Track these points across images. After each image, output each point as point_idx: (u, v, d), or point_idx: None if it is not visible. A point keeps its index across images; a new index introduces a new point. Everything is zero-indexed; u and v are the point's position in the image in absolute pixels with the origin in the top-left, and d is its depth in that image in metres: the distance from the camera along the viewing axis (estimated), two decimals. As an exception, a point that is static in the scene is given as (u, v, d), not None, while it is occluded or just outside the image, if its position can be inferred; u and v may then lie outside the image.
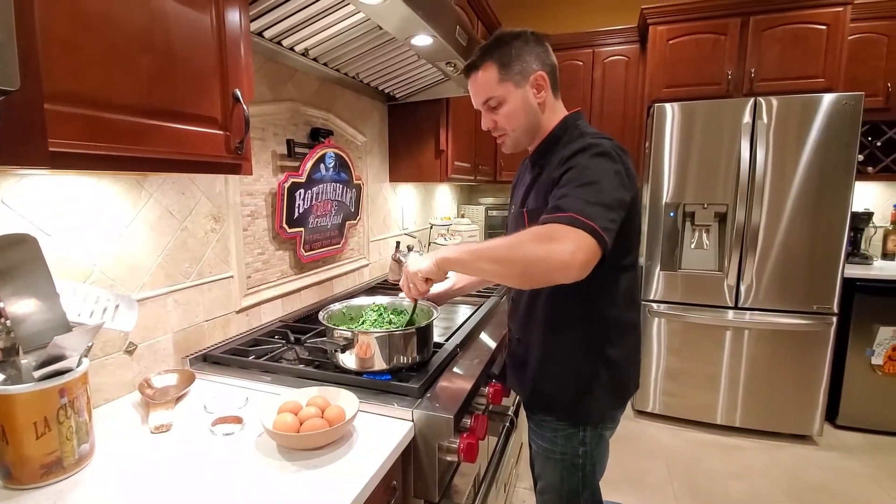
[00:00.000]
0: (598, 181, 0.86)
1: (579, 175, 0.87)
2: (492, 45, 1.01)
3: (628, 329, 1.05)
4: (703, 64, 2.60)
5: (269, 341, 1.24)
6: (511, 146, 1.08)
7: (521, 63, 0.99)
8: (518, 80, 1.00)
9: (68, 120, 0.57)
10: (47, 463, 0.69)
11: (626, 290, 1.03)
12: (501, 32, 1.02)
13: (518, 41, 1.00)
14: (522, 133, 1.05)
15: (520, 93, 1.01)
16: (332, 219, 1.69)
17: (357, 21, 1.20)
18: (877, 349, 2.46)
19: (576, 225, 0.79)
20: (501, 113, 1.03)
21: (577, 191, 0.85)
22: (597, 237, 0.79)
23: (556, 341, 1.05)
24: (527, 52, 1.00)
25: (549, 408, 1.08)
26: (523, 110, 1.02)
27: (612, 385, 1.04)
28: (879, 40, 2.54)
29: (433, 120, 2.11)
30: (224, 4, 0.81)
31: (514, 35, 1.00)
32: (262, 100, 1.36)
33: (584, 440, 1.06)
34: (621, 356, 1.04)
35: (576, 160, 0.90)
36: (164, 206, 1.07)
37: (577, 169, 0.89)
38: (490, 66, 1.00)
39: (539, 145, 1.07)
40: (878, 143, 2.66)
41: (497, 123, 1.05)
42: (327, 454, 0.78)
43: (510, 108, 1.02)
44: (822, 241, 2.31)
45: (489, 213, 3.34)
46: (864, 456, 2.35)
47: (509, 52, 0.99)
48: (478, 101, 1.05)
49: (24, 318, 0.71)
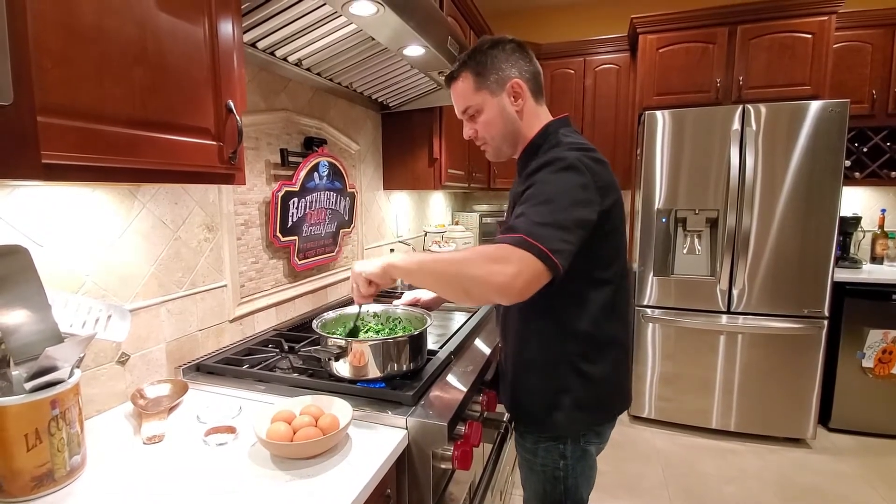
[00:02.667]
0: (554, 199, 0.84)
1: (538, 192, 0.86)
2: (469, 54, 1.01)
3: (609, 344, 1.00)
4: (692, 72, 2.64)
5: (262, 350, 1.24)
6: (493, 154, 1.08)
7: (496, 72, 0.99)
8: (494, 89, 1.00)
9: (61, 132, 0.58)
10: (38, 475, 0.69)
11: (606, 305, 0.97)
12: (479, 41, 1.02)
13: (494, 49, 0.99)
14: (502, 141, 1.04)
15: (496, 101, 1.00)
16: (325, 227, 1.69)
17: (349, 32, 1.22)
18: (867, 352, 2.49)
19: (523, 246, 0.78)
20: (480, 121, 1.03)
21: (532, 210, 0.83)
22: (544, 259, 0.78)
23: (528, 353, 1.03)
24: (503, 60, 0.99)
25: (525, 420, 1.07)
26: (500, 118, 1.01)
27: (590, 401, 1.00)
28: (864, 48, 2.60)
29: (426, 128, 2.13)
30: (217, 16, 0.82)
31: (490, 43, 1.00)
32: (255, 109, 1.37)
33: (564, 453, 1.02)
34: (600, 372, 0.99)
35: (537, 176, 0.89)
36: (157, 216, 1.07)
37: (537, 185, 0.87)
38: (466, 75, 1.00)
39: (521, 154, 1.06)
40: (864, 148, 2.71)
41: (477, 132, 1.05)
42: (321, 463, 0.78)
43: (487, 116, 1.02)
44: (811, 246, 2.34)
45: (483, 220, 3.35)
46: (857, 458, 2.37)
47: (485, 60, 0.99)
48: (458, 110, 1.06)
49: (15, 329, 0.71)
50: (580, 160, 0.89)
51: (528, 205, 0.85)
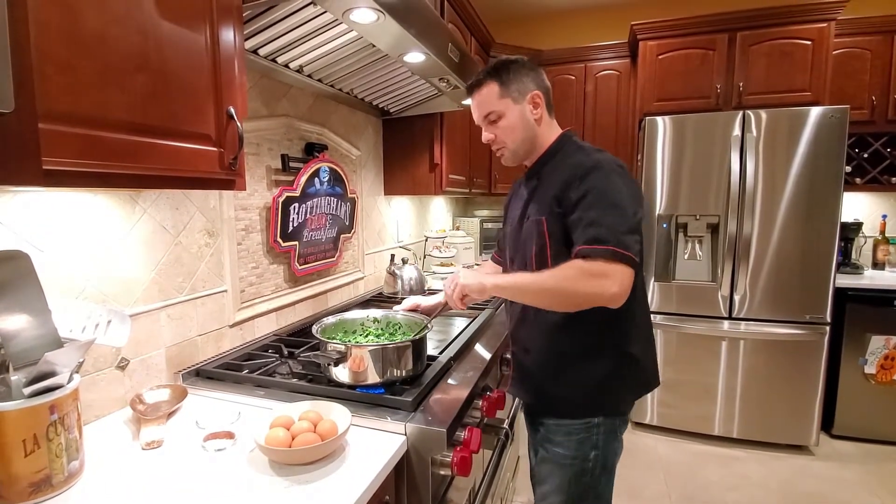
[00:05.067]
0: (620, 204, 0.95)
1: (601, 198, 0.95)
2: (493, 67, 1.11)
3: (642, 324, 1.11)
4: (692, 78, 2.65)
5: (262, 355, 1.24)
6: (510, 158, 1.15)
7: (518, 83, 1.08)
8: (516, 97, 1.09)
9: (62, 139, 0.58)
10: (36, 481, 0.69)
11: (639, 285, 1.06)
12: (501, 59, 1.13)
13: (515, 65, 1.10)
14: (520, 145, 1.12)
15: (518, 108, 1.09)
16: (326, 232, 1.69)
17: (350, 39, 1.23)
18: (869, 358, 2.47)
19: (617, 258, 0.90)
20: (500, 126, 1.11)
21: (607, 218, 0.93)
22: (633, 265, 0.91)
23: (565, 345, 1.08)
24: (524, 74, 1.09)
25: (563, 412, 1.09)
26: (520, 124, 1.10)
27: (635, 380, 1.10)
28: (863, 55, 2.60)
29: (427, 134, 2.13)
30: (218, 24, 0.82)
31: (511, 60, 1.11)
32: (256, 115, 1.37)
33: (596, 444, 1.07)
34: (639, 351, 1.09)
35: (591, 181, 0.97)
36: (157, 222, 1.08)
37: (597, 192, 0.96)
38: (491, 83, 1.09)
39: (537, 159, 1.14)
40: (864, 154, 2.71)
41: (497, 136, 1.13)
42: (319, 469, 0.78)
43: (508, 121, 1.10)
44: (813, 252, 2.34)
45: (484, 226, 3.35)
46: (860, 465, 2.35)
47: (508, 72, 1.08)
48: (479, 115, 1.13)
49: (14, 334, 0.71)
50: (619, 164, 1.02)
51: (597, 210, 0.94)
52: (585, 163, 1.01)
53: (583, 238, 0.94)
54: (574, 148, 1.10)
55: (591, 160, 1.01)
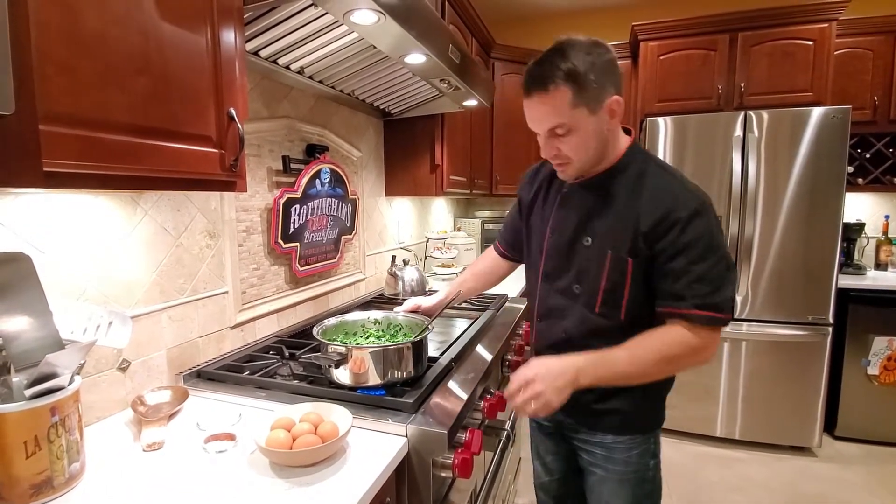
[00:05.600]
0: (726, 256, 0.90)
1: (709, 251, 0.89)
2: (561, 58, 0.84)
3: None
4: (693, 79, 2.64)
5: (263, 357, 1.24)
6: (572, 175, 0.98)
7: (598, 86, 0.86)
8: (593, 106, 0.87)
9: (63, 140, 0.58)
10: (37, 483, 0.69)
11: None
12: (573, 42, 0.87)
13: (591, 56, 0.85)
14: (588, 162, 0.95)
15: (593, 119, 0.88)
16: (327, 234, 1.69)
17: (351, 41, 1.23)
18: (872, 359, 2.46)
19: (715, 324, 0.88)
20: (570, 142, 0.90)
21: (714, 274, 0.88)
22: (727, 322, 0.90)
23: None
24: (603, 72, 0.86)
25: (624, 427, 1.06)
26: (595, 139, 0.91)
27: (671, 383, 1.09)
28: (865, 55, 2.60)
29: (428, 135, 2.13)
30: (219, 26, 0.82)
31: (588, 46, 0.86)
32: (257, 117, 1.38)
33: (654, 452, 1.09)
34: None
35: (698, 229, 0.88)
36: (158, 223, 1.08)
37: (705, 244, 0.88)
38: (563, 87, 0.85)
39: (603, 171, 0.98)
40: (867, 155, 2.70)
41: (561, 151, 0.92)
42: (320, 471, 0.78)
43: (581, 137, 0.90)
44: (815, 253, 2.33)
45: (485, 226, 3.35)
46: (863, 467, 2.34)
47: (585, 70, 0.85)
48: (541, 126, 0.92)
49: (16, 335, 0.71)
50: (708, 201, 0.92)
51: (706, 265, 0.88)
52: (688, 203, 0.89)
53: (689, 295, 0.88)
54: (655, 168, 0.95)
55: (694, 200, 0.89)
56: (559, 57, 0.85)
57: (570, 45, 0.86)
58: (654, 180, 0.94)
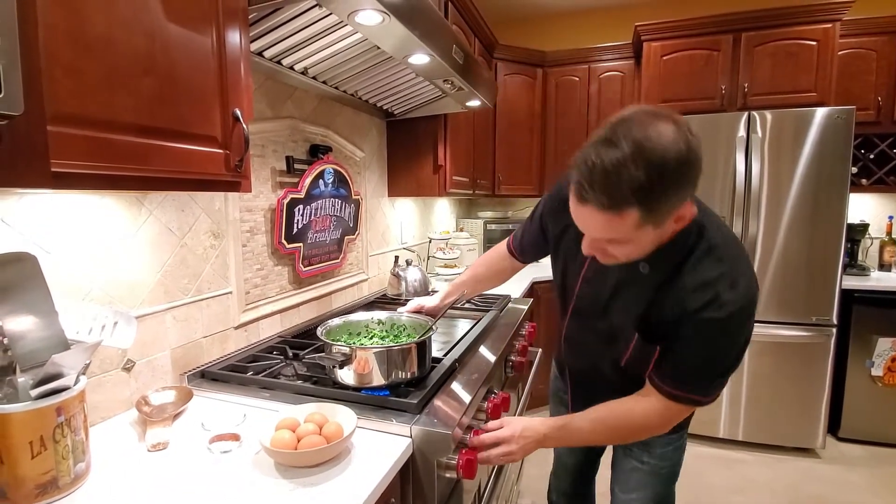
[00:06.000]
0: (730, 360, 0.86)
1: (716, 355, 0.84)
2: (636, 164, 0.68)
3: None
4: (696, 79, 2.64)
5: (267, 357, 1.24)
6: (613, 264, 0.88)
7: (671, 203, 0.73)
8: (660, 221, 0.75)
9: (70, 141, 0.58)
10: (42, 483, 0.69)
11: None
12: (651, 139, 0.68)
13: (671, 155, 0.68)
14: (639, 258, 0.85)
15: (657, 232, 0.77)
16: (330, 234, 1.69)
17: (355, 41, 1.23)
18: (876, 360, 2.46)
19: (694, 405, 0.89)
20: (623, 249, 0.80)
21: (714, 372, 0.86)
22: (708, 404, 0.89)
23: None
24: (683, 176, 0.71)
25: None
26: (652, 244, 0.81)
27: None
28: (869, 55, 2.59)
29: (431, 135, 2.13)
30: (225, 27, 0.83)
31: (671, 140, 0.68)
32: (261, 117, 1.38)
33: (683, 445, 1.13)
34: None
35: (718, 332, 0.82)
36: (163, 223, 1.08)
37: (717, 347, 0.83)
38: (631, 209, 0.71)
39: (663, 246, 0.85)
40: (870, 155, 2.70)
41: (608, 252, 0.82)
42: (325, 471, 0.77)
43: (638, 247, 0.80)
44: (819, 253, 2.33)
45: (488, 227, 3.35)
46: (867, 468, 2.33)
47: (661, 191, 0.70)
48: (592, 234, 0.82)
49: (21, 335, 0.71)
50: (753, 301, 0.83)
51: (713, 363, 0.86)
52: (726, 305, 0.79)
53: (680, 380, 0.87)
54: (706, 250, 0.83)
55: (733, 304, 0.79)
56: (632, 164, 0.68)
57: (647, 145, 0.68)
58: (700, 267, 0.83)
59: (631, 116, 0.73)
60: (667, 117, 0.72)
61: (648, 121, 0.71)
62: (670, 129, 0.70)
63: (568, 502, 1.44)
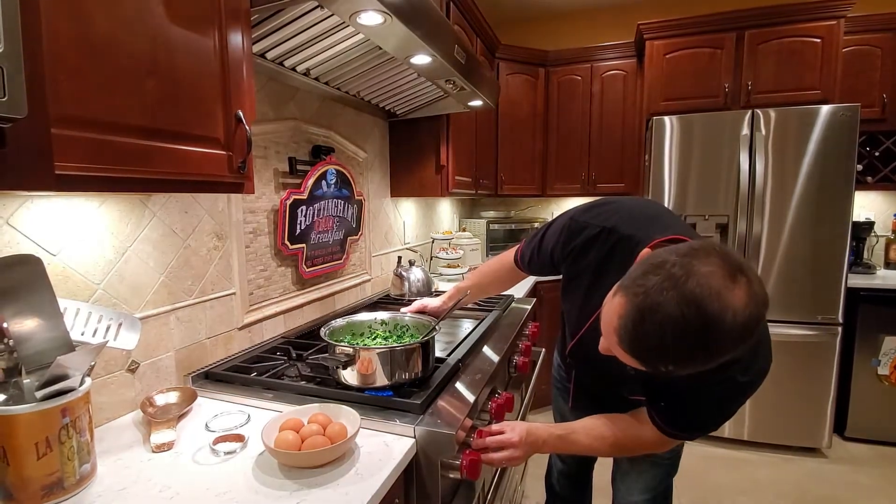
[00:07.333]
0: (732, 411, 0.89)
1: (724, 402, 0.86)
2: (693, 357, 0.63)
3: None
4: (700, 77, 2.63)
5: (270, 358, 1.24)
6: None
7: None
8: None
9: (74, 144, 0.59)
10: (48, 484, 0.69)
11: None
12: (724, 344, 0.62)
13: (725, 350, 0.63)
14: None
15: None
16: (333, 235, 1.70)
17: (357, 42, 1.23)
18: (883, 359, 2.44)
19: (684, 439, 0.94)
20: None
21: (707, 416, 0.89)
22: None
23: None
24: (733, 347, 0.63)
25: None
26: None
27: None
28: (873, 52, 2.57)
29: (433, 136, 2.13)
30: (227, 29, 0.83)
31: (730, 346, 0.62)
32: (264, 119, 1.38)
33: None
34: None
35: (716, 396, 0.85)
36: (167, 225, 1.08)
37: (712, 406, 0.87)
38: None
39: None
40: (876, 153, 2.68)
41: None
42: (329, 472, 0.78)
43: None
44: (824, 251, 2.31)
45: (491, 227, 3.34)
46: (873, 468, 2.32)
47: (703, 362, 0.65)
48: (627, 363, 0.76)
49: (27, 337, 0.72)
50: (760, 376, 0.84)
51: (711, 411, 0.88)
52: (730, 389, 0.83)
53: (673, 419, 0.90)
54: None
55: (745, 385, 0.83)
56: (693, 350, 0.63)
57: (715, 337, 0.61)
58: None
59: (707, 275, 0.61)
60: (742, 283, 0.61)
61: (726, 292, 0.60)
62: (742, 301, 0.60)
63: (569, 484, 1.47)
